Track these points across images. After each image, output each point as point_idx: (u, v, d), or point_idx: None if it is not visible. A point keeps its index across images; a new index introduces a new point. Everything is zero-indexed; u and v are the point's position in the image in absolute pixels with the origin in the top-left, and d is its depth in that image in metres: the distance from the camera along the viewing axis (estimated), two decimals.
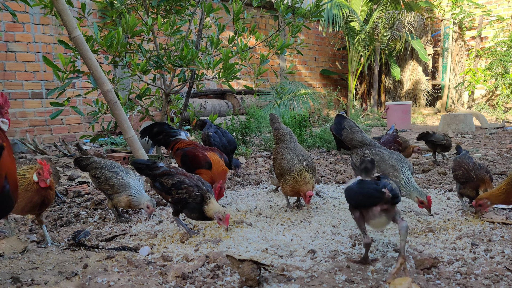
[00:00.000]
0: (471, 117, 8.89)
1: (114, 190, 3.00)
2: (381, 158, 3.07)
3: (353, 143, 3.37)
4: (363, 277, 2.09)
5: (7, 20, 6.78)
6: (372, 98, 13.79)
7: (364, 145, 3.31)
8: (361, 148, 3.29)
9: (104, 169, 3.09)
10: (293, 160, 3.23)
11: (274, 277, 2.10)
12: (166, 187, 2.78)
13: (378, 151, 3.17)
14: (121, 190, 2.99)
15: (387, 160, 3.04)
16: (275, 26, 11.07)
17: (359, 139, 3.33)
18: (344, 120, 3.49)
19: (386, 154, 3.11)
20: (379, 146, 3.29)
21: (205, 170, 3.53)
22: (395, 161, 3.01)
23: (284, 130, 3.56)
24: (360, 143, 3.32)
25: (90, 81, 3.92)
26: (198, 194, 2.71)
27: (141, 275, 2.18)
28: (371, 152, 3.19)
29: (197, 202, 2.70)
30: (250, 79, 10.32)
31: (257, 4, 4.95)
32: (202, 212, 2.70)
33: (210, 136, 4.24)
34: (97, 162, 3.15)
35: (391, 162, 3.01)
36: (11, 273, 2.23)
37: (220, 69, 4.44)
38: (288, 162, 3.23)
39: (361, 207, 2.18)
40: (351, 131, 3.39)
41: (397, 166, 2.96)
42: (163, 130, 3.99)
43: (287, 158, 3.26)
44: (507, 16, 13.24)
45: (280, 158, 3.32)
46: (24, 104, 7.11)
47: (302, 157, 3.26)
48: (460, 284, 1.98)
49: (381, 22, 12.21)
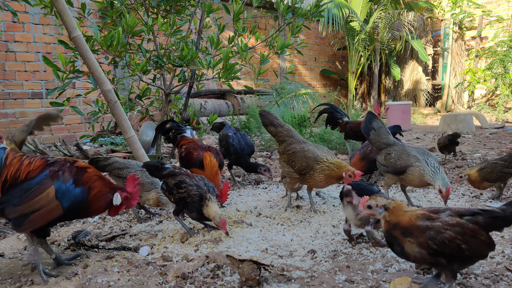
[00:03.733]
0: (471, 117, 8.89)
1: (144, 189, 3.03)
2: (403, 151, 3.24)
3: (378, 145, 3.44)
4: (363, 277, 2.09)
5: (7, 20, 6.77)
6: (372, 98, 13.78)
7: (388, 146, 3.38)
8: (385, 149, 3.37)
9: (130, 168, 3.12)
10: (315, 150, 3.19)
11: (274, 277, 2.10)
12: (170, 187, 2.79)
13: (401, 147, 3.32)
14: (151, 188, 3.03)
15: (409, 152, 3.21)
16: (275, 26, 11.08)
17: (384, 141, 3.41)
18: (374, 120, 3.49)
19: (408, 148, 3.28)
20: (402, 144, 3.41)
21: (196, 169, 3.55)
22: (417, 153, 3.18)
23: (289, 126, 3.49)
24: (384, 145, 3.40)
25: (90, 81, 3.92)
26: (197, 193, 2.71)
27: (141, 275, 2.18)
28: (394, 149, 3.31)
29: (195, 201, 2.71)
30: (250, 79, 10.32)
31: (257, 4, 4.94)
32: (201, 212, 2.71)
33: (229, 137, 4.25)
34: (119, 162, 3.17)
35: (414, 153, 3.18)
36: (11, 273, 2.23)
37: (220, 69, 4.43)
38: (313, 152, 3.17)
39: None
40: (379, 132, 3.43)
41: (420, 157, 3.12)
42: (173, 127, 4.17)
43: (310, 148, 3.22)
44: (507, 16, 13.24)
45: (301, 151, 3.22)
46: (24, 104, 7.10)
47: (317, 146, 3.28)
48: (460, 284, 1.98)
49: (381, 22, 12.21)
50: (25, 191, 2.07)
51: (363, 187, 2.52)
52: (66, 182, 2.14)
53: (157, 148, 5.14)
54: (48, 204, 2.09)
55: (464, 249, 1.72)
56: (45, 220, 2.11)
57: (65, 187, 2.13)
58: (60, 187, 2.12)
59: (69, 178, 2.16)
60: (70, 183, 2.15)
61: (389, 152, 3.31)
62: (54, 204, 2.10)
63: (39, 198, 2.07)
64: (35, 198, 2.07)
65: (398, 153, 3.25)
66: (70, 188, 2.14)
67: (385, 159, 3.33)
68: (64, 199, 2.12)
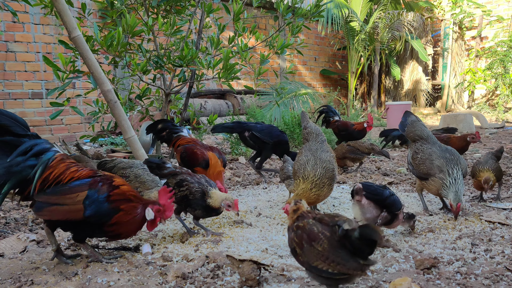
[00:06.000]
0: (471, 117, 8.89)
1: (145, 187, 3.03)
2: (428, 156, 3.05)
3: (412, 136, 3.30)
4: (363, 277, 2.09)
5: (7, 20, 6.77)
6: (372, 98, 13.78)
7: (421, 139, 3.23)
8: (416, 143, 3.23)
9: (133, 167, 3.13)
10: (307, 164, 2.91)
11: (274, 277, 2.10)
12: (171, 186, 2.78)
13: (429, 149, 3.10)
14: (152, 186, 3.04)
15: (434, 160, 3.01)
16: (275, 26, 11.07)
17: (418, 133, 3.26)
18: (409, 116, 3.41)
19: (435, 153, 3.04)
20: (434, 142, 3.19)
21: (201, 169, 3.53)
22: (444, 162, 2.96)
23: (311, 129, 3.26)
24: (418, 137, 3.25)
25: (90, 81, 3.92)
26: (199, 189, 2.73)
27: (141, 275, 2.18)
28: (423, 149, 3.13)
29: (197, 197, 2.72)
30: (250, 79, 10.32)
31: (257, 4, 4.94)
32: (206, 206, 2.71)
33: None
34: (124, 162, 3.18)
35: (438, 163, 2.97)
36: (11, 273, 2.23)
37: (220, 69, 4.43)
38: (300, 165, 2.94)
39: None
40: (412, 125, 3.31)
41: (444, 168, 2.93)
42: (167, 127, 4.12)
43: (302, 160, 2.99)
44: (507, 16, 13.24)
45: (297, 159, 3.09)
46: (24, 104, 7.10)
47: (320, 162, 2.91)
48: (460, 284, 1.98)
49: (381, 22, 12.21)
50: (62, 188, 2.21)
51: (374, 188, 2.53)
52: (100, 194, 2.22)
53: (157, 148, 5.14)
54: (72, 204, 2.19)
55: (298, 254, 1.72)
56: (63, 217, 2.22)
57: (96, 196, 2.21)
58: (92, 195, 2.21)
59: (105, 192, 2.24)
60: (103, 196, 2.23)
61: (417, 152, 3.15)
62: (78, 207, 2.19)
63: (69, 196, 2.19)
64: (66, 195, 2.20)
65: (424, 156, 3.07)
66: (100, 199, 2.22)
67: (412, 157, 3.20)
68: (90, 207, 2.19)
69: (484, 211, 3.16)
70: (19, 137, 2.21)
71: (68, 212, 2.19)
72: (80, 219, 2.20)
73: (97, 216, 2.21)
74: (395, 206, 2.52)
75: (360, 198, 2.51)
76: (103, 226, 2.26)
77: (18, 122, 2.23)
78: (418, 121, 3.35)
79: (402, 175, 4.68)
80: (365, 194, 2.50)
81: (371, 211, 2.51)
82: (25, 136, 2.24)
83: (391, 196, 2.52)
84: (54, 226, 2.32)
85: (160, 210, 2.35)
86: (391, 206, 2.51)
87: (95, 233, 2.35)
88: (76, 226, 2.27)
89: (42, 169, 2.21)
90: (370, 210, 2.51)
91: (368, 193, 2.50)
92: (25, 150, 2.19)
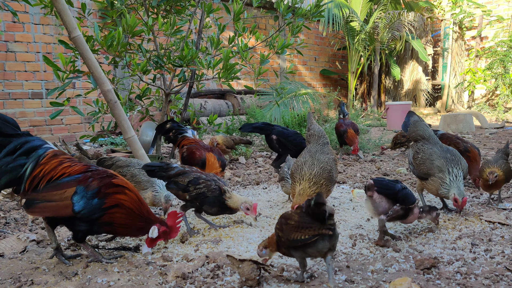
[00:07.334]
0: (471, 117, 8.89)
1: (141, 187, 3.03)
2: (429, 156, 3.04)
3: (414, 136, 3.29)
4: (363, 277, 2.10)
5: (7, 20, 6.77)
6: (372, 98, 13.78)
7: (423, 139, 3.22)
8: (418, 143, 3.23)
9: (130, 166, 3.13)
10: (304, 165, 2.95)
11: (274, 277, 2.10)
12: (183, 185, 2.76)
13: (429, 149, 3.09)
14: (148, 186, 3.04)
15: (434, 160, 2.99)
16: (275, 26, 11.08)
17: (420, 133, 3.24)
18: (412, 116, 3.39)
19: (436, 153, 3.04)
20: (435, 142, 3.18)
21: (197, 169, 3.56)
22: (444, 162, 2.95)
23: (314, 131, 3.30)
24: (419, 136, 3.24)
25: (90, 81, 3.92)
26: (216, 187, 2.75)
27: (141, 275, 2.18)
28: (424, 149, 3.12)
29: (216, 195, 2.74)
30: (250, 79, 10.32)
31: (257, 4, 4.94)
32: (223, 204, 2.74)
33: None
34: (122, 161, 3.19)
35: (438, 163, 2.96)
36: (11, 273, 2.23)
37: (220, 69, 4.44)
38: (297, 166, 2.98)
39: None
40: (415, 125, 3.29)
41: (444, 168, 2.92)
42: (173, 127, 4.21)
43: (300, 161, 3.04)
44: (507, 16, 13.23)
45: (295, 161, 3.12)
46: (24, 104, 7.11)
47: (317, 163, 2.95)
48: (460, 284, 1.98)
49: (381, 22, 12.21)
50: (51, 185, 2.21)
51: (386, 183, 2.52)
52: (89, 190, 2.21)
53: (157, 148, 5.14)
54: (60, 200, 2.19)
55: (281, 237, 2.02)
56: (53, 213, 2.23)
57: (84, 193, 2.20)
58: (80, 191, 2.20)
59: (94, 187, 2.22)
60: (92, 191, 2.20)
61: (418, 151, 3.14)
62: (66, 203, 2.18)
63: (57, 193, 2.19)
64: (54, 191, 2.19)
65: (424, 156, 3.06)
66: (88, 195, 2.20)
67: (413, 157, 3.19)
68: (78, 203, 2.18)
69: (484, 211, 3.16)
70: (8, 137, 2.20)
71: (57, 208, 2.19)
72: (71, 215, 2.20)
73: (88, 211, 2.19)
74: (408, 200, 2.49)
75: (371, 193, 2.49)
76: (97, 221, 2.25)
77: (7, 122, 2.22)
78: (421, 121, 3.33)
79: (402, 175, 4.68)
80: (376, 189, 2.48)
81: (383, 205, 2.49)
82: (15, 135, 2.23)
83: (403, 189, 2.50)
84: (53, 223, 2.33)
85: (166, 232, 2.38)
86: (404, 199, 2.48)
87: (93, 230, 2.33)
88: (73, 223, 2.26)
89: (33, 166, 2.21)
90: (383, 205, 2.49)
91: (379, 188, 2.48)
92: (14, 149, 2.19)
